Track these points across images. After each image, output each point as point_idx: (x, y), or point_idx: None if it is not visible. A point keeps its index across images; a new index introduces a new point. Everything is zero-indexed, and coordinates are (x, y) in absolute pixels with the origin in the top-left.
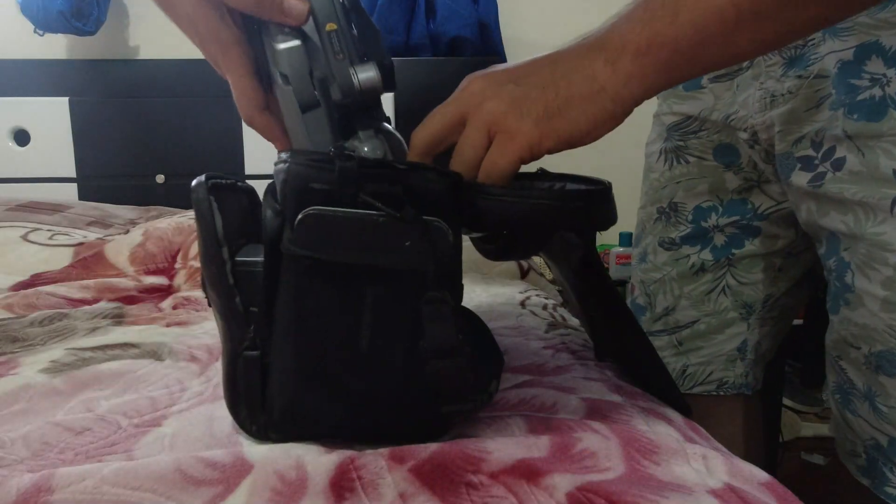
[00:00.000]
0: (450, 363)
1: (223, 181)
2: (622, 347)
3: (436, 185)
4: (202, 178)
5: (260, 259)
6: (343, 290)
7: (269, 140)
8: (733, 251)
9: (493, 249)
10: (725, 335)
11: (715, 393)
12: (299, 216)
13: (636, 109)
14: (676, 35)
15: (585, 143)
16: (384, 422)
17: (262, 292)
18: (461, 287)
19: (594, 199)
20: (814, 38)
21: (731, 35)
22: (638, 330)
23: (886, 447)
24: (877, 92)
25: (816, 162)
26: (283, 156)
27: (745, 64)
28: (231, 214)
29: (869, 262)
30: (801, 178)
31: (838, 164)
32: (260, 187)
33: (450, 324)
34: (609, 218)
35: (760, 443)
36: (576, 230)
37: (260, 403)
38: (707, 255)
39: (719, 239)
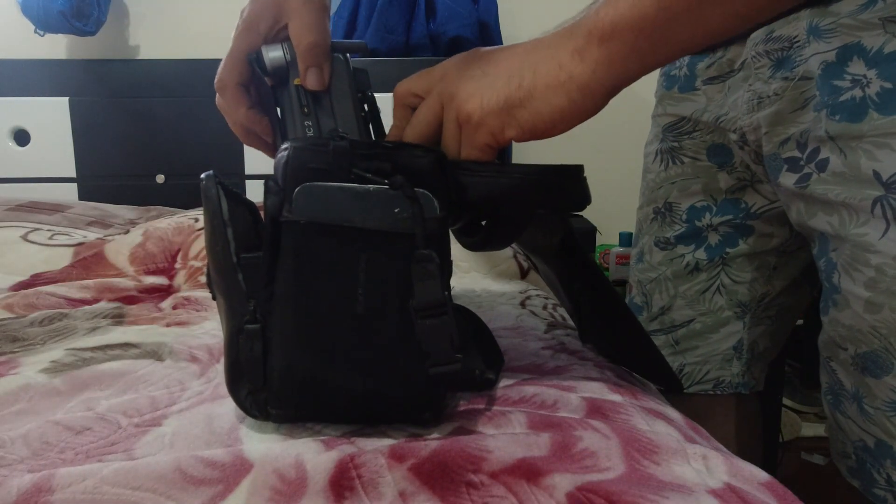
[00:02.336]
0: (436, 321)
1: (230, 188)
2: (610, 328)
3: (421, 160)
4: (210, 172)
5: (261, 254)
6: (339, 254)
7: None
8: (727, 250)
9: (475, 241)
10: (721, 334)
11: (711, 392)
12: (297, 189)
13: (638, 110)
14: (640, 16)
15: (553, 134)
16: (380, 388)
17: (262, 265)
18: (450, 259)
19: (568, 175)
20: (799, 40)
21: (698, 10)
22: (625, 309)
23: (874, 448)
24: (857, 93)
25: (802, 163)
26: (285, 145)
27: (736, 66)
28: (236, 221)
29: (853, 264)
30: (788, 180)
31: (822, 166)
32: (260, 187)
33: (436, 281)
34: (583, 197)
35: (757, 443)
36: (552, 207)
37: (261, 377)
38: (701, 254)
39: (713, 238)
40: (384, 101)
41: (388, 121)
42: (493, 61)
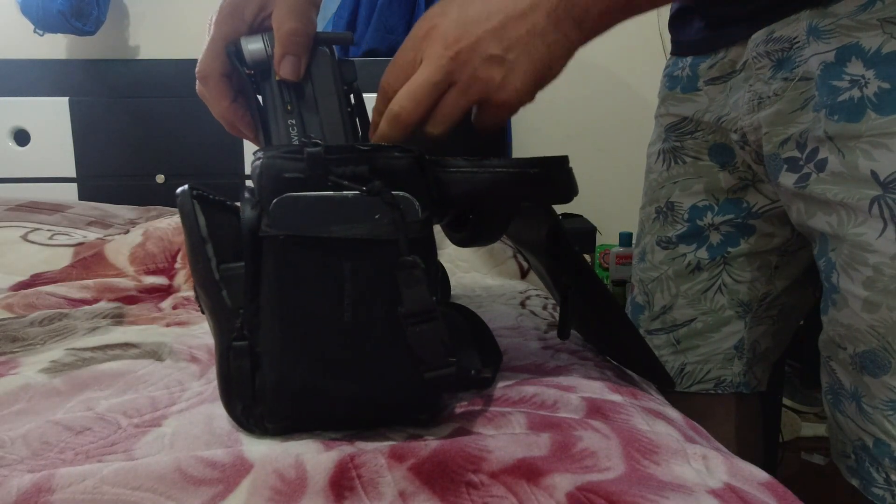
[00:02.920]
0: (426, 327)
1: (211, 196)
2: (599, 322)
3: (399, 161)
4: (185, 187)
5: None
6: (322, 265)
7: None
8: (728, 249)
9: (463, 236)
10: (722, 333)
11: (713, 391)
12: (274, 201)
13: (638, 111)
14: None
15: None
16: (374, 395)
17: (245, 281)
18: (435, 259)
19: (551, 166)
20: (799, 41)
21: None
22: (613, 302)
23: (872, 448)
24: (856, 93)
25: (801, 163)
26: (259, 153)
27: (738, 66)
28: (220, 230)
29: (851, 263)
30: (788, 179)
31: (821, 165)
32: None
33: (423, 287)
34: (569, 187)
35: (758, 443)
36: (536, 199)
37: (252, 394)
38: (703, 253)
39: (715, 237)
40: None
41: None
42: (506, 36)
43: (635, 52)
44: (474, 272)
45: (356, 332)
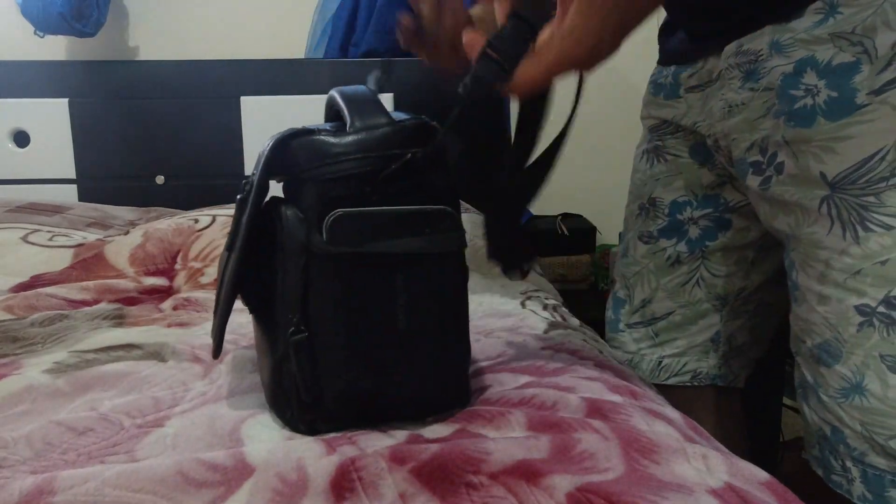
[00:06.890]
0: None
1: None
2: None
3: (439, 182)
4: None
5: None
6: (376, 277)
7: None
8: (707, 243)
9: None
10: (699, 326)
11: (689, 384)
12: (330, 218)
13: (637, 113)
14: None
15: None
16: (422, 392)
17: (293, 290)
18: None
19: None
20: (763, 54)
21: None
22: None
23: (830, 436)
24: (809, 101)
25: (764, 166)
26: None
27: (714, 76)
28: None
29: (807, 260)
30: (753, 182)
31: (780, 168)
32: None
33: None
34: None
35: (742, 442)
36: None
37: (305, 400)
38: (682, 247)
39: (693, 232)
40: (383, 101)
41: None
42: None
43: (637, 54)
44: (473, 271)
45: (410, 336)
